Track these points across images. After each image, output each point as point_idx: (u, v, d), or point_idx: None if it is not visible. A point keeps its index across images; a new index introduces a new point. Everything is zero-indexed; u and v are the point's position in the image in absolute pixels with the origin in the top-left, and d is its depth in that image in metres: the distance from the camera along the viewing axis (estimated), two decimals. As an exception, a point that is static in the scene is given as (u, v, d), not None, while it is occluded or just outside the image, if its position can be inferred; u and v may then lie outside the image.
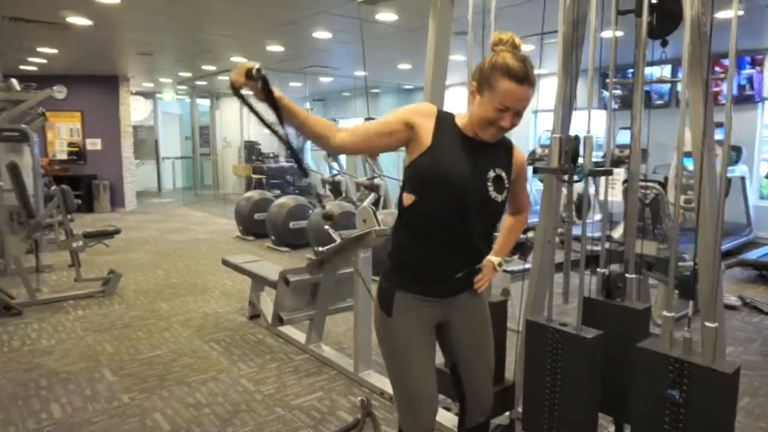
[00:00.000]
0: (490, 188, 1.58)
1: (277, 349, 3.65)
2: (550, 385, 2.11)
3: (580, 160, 2.01)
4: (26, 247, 4.79)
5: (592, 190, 6.89)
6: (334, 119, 10.33)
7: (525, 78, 1.45)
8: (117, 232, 5.01)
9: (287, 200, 7.23)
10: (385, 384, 2.93)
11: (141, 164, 13.81)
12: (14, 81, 5.04)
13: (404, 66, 9.19)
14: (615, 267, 2.41)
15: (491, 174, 1.58)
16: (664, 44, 2.43)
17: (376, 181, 7.47)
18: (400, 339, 1.64)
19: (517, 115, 1.51)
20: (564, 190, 6.40)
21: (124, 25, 6.32)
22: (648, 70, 2.38)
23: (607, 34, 2.33)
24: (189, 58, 8.91)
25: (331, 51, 7.91)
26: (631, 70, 2.41)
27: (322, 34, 6.68)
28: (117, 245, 7.05)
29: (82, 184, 10.06)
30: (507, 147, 1.68)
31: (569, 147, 2.04)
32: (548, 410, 2.12)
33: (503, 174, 1.61)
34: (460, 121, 1.60)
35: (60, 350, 3.57)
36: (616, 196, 4.18)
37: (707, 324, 1.71)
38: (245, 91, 1.40)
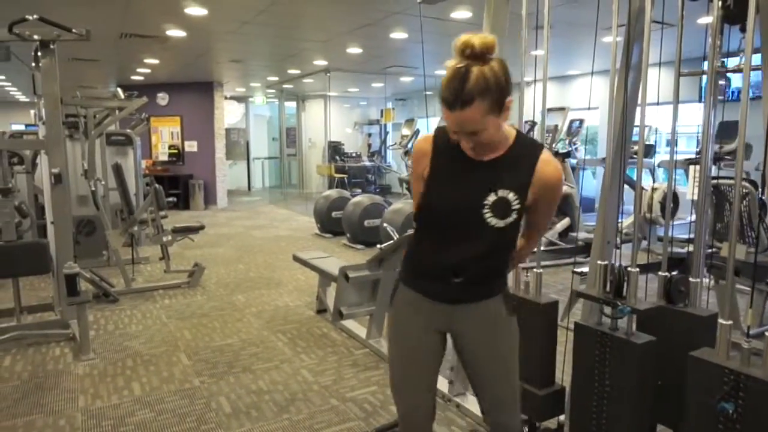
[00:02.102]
0: (487, 214, 1.44)
1: (340, 342, 3.75)
2: (597, 392, 2.01)
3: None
4: (124, 240, 5.27)
5: (680, 188, 6.40)
6: (412, 118, 10.37)
7: (454, 103, 1.31)
8: (201, 228, 5.38)
9: (363, 198, 7.38)
10: (440, 382, 2.93)
11: (233, 164, 14.69)
12: (119, 90, 5.57)
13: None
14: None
15: (491, 198, 1.44)
16: (744, 30, 2.24)
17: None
18: (398, 336, 1.66)
19: (473, 134, 1.37)
20: (647, 188, 5.97)
21: (215, 36, 6.77)
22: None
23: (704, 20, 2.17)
24: (276, 63, 9.36)
25: (409, 51, 7.95)
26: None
27: (398, 35, 6.75)
28: (206, 240, 7.58)
29: (180, 183, 10.90)
30: (531, 159, 1.45)
31: (614, 277, 1.96)
32: (596, 418, 2.02)
33: (511, 195, 1.44)
34: None
35: (146, 335, 3.92)
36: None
37: (768, 334, 1.56)
38: None
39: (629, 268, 1.98)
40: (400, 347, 1.67)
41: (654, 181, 7.33)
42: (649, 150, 7.27)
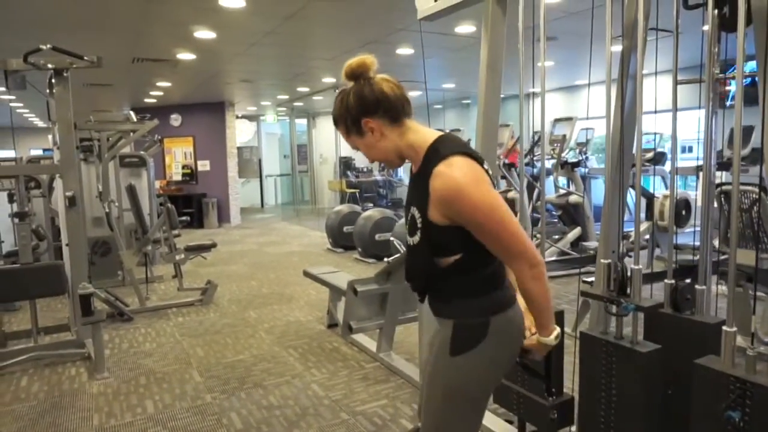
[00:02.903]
0: (408, 231, 1.45)
1: (350, 356, 3.76)
2: (605, 402, 2.00)
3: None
4: (138, 260, 5.36)
5: (691, 194, 6.32)
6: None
7: (335, 121, 1.44)
8: (213, 246, 5.44)
9: (374, 213, 7.42)
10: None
11: (246, 182, 14.85)
12: (132, 113, 5.71)
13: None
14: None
15: (409, 214, 1.43)
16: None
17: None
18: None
19: (364, 147, 1.43)
20: (659, 195, 5.93)
21: (224, 57, 6.91)
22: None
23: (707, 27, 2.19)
24: (285, 82, 9.51)
25: (417, 66, 8.04)
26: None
27: (404, 50, 6.84)
28: (219, 258, 7.66)
29: (193, 202, 11.04)
30: (428, 173, 1.32)
31: (618, 274, 1.97)
32: (604, 428, 2.01)
33: (416, 213, 1.38)
34: None
35: (159, 353, 3.96)
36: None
37: (772, 340, 1.55)
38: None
39: (632, 266, 1.98)
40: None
41: (666, 189, 7.28)
42: (661, 157, 7.23)
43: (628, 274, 1.98)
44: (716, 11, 2.06)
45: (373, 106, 1.36)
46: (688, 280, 2.07)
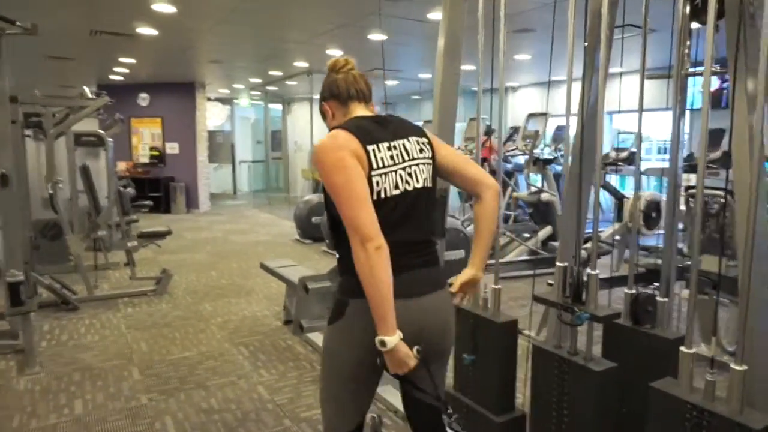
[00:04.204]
0: None
1: (303, 357, 3.58)
2: (556, 420, 1.86)
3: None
4: (86, 245, 5.08)
5: (663, 196, 6.26)
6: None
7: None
8: (168, 233, 5.19)
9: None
10: (400, 401, 2.77)
11: (219, 167, 14.49)
12: (86, 89, 5.37)
13: (467, 67, 8.92)
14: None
15: None
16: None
17: None
18: None
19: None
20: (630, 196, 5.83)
21: (188, 34, 6.59)
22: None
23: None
24: (256, 64, 9.19)
25: (390, 52, 7.82)
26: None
27: (376, 36, 6.61)
28: (182, 245, 7.39)
29: (161, 186, 10.68)
30: None
31: (573, 279, 1.81)
32: (554, 449, 1.87)
33: None
34: None
35: (100, 346, 3.72)
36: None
37: (734, 367, 1.41)
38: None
39: (588, 270, 1.82)
40: None
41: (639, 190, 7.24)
42: (632, 157, 7.19)
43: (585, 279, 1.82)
44: (688, 1, 1.92)
45: (326, 93, 1.58)
46: (655, 284, 1.93)
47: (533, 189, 6.53)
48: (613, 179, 8.08)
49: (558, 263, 1.93)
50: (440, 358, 1.56)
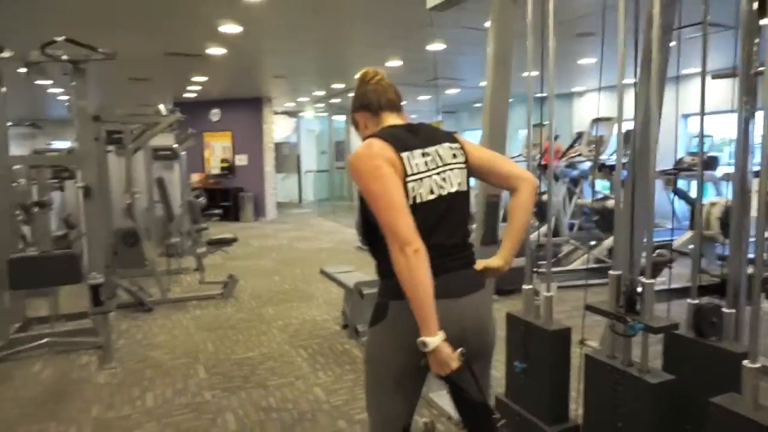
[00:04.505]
0: None
1: (359, 360, 3.64)
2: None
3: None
4: (160, 251, 5.41)
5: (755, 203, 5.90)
6: (456, 131, 10.18)
7: None
8: (234, 240, 5.44)
9: None
10: (453, 407, 2.77)
11: (285, 177, 14.98)
12: (161, 107, 5.75)
13: (533, 74, 8.78)
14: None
15: None
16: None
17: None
18: None
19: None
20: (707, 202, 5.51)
21: (252, 53, 6.91)
22: None
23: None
24: (319, 78, 9.49)
25: (450, 62, 7.83)
26: None
27: (435, 47, 6.65)
28: (249, 252, 7.70)
29: (230, 195, 11.19)
30: None
31: (627, 288, 1.75)
32: (607, 461, 1.80)
33: None
34: None
35: (170, 345, 3.95)
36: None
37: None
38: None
39: (643, 279, 1.76)
40: None
41: (717, 195, 6.82)
42: (712, 162, 6.78)
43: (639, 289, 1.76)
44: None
45: (357, 104, 1.64)
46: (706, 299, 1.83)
47: (599, 196, 6.31)
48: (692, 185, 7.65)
49: (611, 272, 1.88)
50: (483, 359, 1.57)
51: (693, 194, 7.05)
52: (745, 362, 1.45)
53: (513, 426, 2.21)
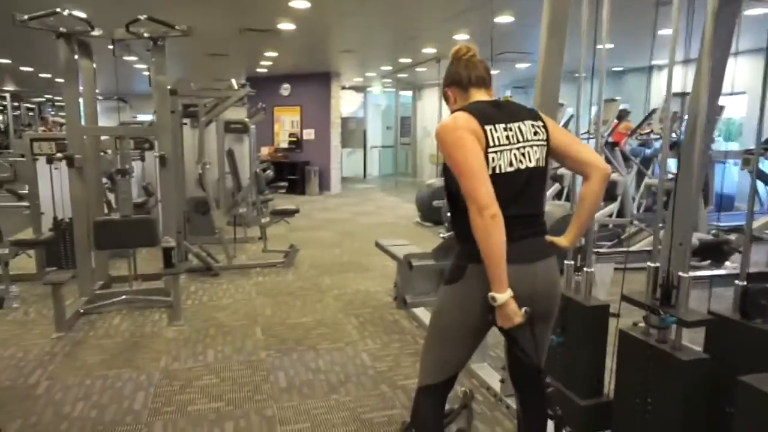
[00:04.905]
0: None
1: (407, 330, 3.75)
2: (640, 408, 1.79)
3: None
4: (228, 220, 5.72)
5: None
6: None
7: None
8: (296, 211, 5.66)
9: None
10: (494, 379, 2.82)
11: (352, 152, 15.22)
12: (233, 81, 6.02)
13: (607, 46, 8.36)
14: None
15: None
16: None
17: (560, 171, 6.94)
18: None
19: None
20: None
21: (322, 27, 7.04)
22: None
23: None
24: (386, 53, 9.50)
25: (519, 35, 7.61)
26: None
27: (504, 19, 6.49)
28: (312, 224, 7.98)
29: (297, 169, 11.54)
30: None
31: (663, 282, 1.71)
32: (636, 437, 1.80)
33: None
34: None
35: (233, 308, 4.23)
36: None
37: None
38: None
39: (680, 273, 1.72)
40: None
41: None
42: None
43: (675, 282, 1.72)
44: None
45: (449, 79, 1.72)
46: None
47: (670, 176, 5.99)
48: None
49: (649, 263, 1.84)
50: (546, 322, 1.67)
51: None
52: (778, 345, 1.41)
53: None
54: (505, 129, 1.57)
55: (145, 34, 3.86)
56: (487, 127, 1.54)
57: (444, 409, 1.80)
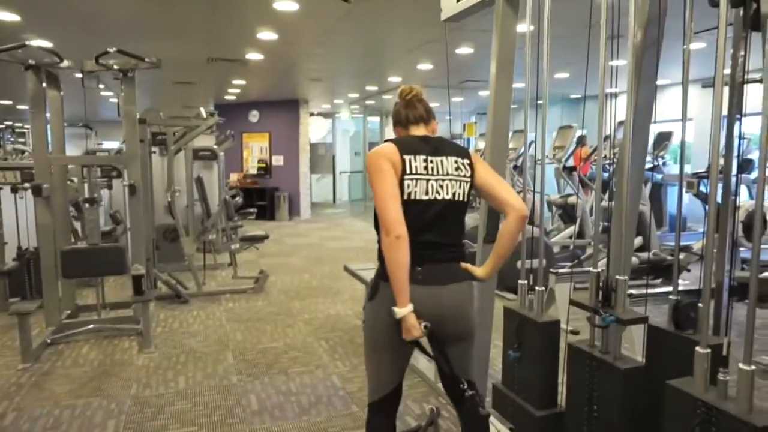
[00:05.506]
0: None
1: (376, 352, 3.85)
2: (587, 416, 1.95)
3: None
4: (197, 246, 5.75)
5: None
6: (477, 150, 10.26)
7: None
8: (266, 237, 5.74)
9: None
10: (458, 397, 2.94)
11: (321, 178, 15.34)
12: (202, 110, 6.12)
13: (561, 75, 8.80)
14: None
15: None
16: None
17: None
18: None
19: None
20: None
21: (289, 57, 7.22)
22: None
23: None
24: (354, 81, 9.76)
25: (480, 65, 7.95)
26: None
27: (464, 50, 6.80)
28: (281, 249, 8.03)
29: (266, 195, 11.60)
30: None
31: (602, 285, 1.92)
32: (585, 443, 1.96)
33: None
34: None
35: (204, 334, 4.27)
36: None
37: (741, 366, 1.45)
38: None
39: (617, 276, 1.91)
40: None
41: (752, 198, 6.69)
42: (747, 165, 6.67)
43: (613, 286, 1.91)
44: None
45: (394, 119, 1.91)
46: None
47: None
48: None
49: (591, 269, 2.02)
50: (460, 341, 1.79)
51: (742, 198, 6.92)
52: (698, 348, 1.59)
53: (508, 411, 2.38)
54: (425, 160, 1.72)
55: (115, 66, 3.95)
56: (407, 157, 1.70)
57: (394, 423, 1.91)
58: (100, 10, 4.76)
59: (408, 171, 1.69)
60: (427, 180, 1.71)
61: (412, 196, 1.69)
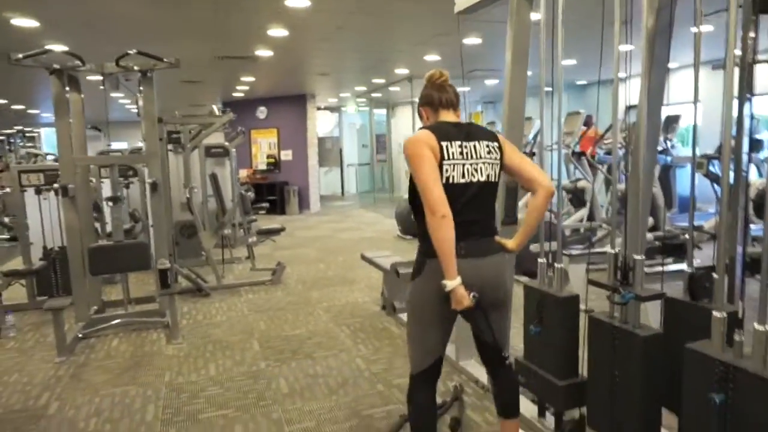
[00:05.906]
0: None
1: (397, 336, 3.97)
2: (609, 383, 2.05)
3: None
4: (215, 241, 5.89)
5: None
6: (493, 121, 10.31)
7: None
8: (282, 230, 5.86)
9: None
10: (481, 373, 3.05)
11: (329, 171, 15.45)
12: (214, 107, 6.25)
13: (569, 62, 8.84)
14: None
15: None
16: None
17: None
18: None
19: None
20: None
21: (298, 53, 7.32)
22: None
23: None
24: (361, 74, 9.84)
25: (487, 55, 8.00)
26: None
27: (472, 41, 6.86)
28: (294, 242, 8.15)
29: (276, 190, 11.72)
30: None
31: (621, 265, 2.03)
32: (609, 408, 2.06)
33: None
34: None
35: (227, 324, 4.40)
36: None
37: (757, 327, 1.54)
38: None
39: (635, 256, 2.01)
40: None
41: (761, 177, 6.74)
42: (757, 144, 6.71)
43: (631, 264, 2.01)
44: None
45: (423, 100, 2.01)
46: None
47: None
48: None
49: (609, 250, 2.12)
50: (498, 308, 1.95)
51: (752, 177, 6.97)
52: (714, 312, 1.68)
53: (531, 382, 2.49)
54: (461, 146, 1.85)
55: (135, 68, 4.06)
56: (444, 143, 1.82)
57: (435, 393, 2.03)
58: (114, 13, 4.86)
59: (446, 157, 1.82)
60: (463, 164, 1.85)
61: (451, 180, 1.82)
